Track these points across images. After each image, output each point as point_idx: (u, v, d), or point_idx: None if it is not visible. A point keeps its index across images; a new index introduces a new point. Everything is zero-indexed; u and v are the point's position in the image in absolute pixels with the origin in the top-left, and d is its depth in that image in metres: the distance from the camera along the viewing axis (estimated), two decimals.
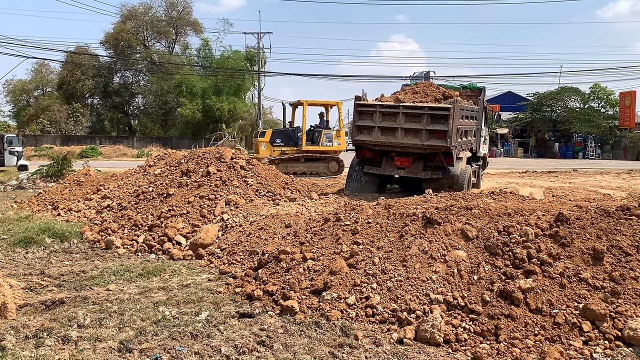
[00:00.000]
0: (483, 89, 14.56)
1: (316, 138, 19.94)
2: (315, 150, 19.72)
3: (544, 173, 22.34)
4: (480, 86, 14.80)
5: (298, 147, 19.66)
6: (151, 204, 8.88)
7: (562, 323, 4.14)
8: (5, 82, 56.89)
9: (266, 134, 19.85)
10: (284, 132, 20.13)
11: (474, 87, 14.76)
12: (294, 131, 20.19)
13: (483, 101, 14.21)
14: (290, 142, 19.78)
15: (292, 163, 19.39)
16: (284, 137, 19.84)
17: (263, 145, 19.35)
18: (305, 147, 19.55)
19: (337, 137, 20.32)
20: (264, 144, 19.39)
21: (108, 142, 46.88)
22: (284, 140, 19.73)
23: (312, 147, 19.68)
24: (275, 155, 19.17)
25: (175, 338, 4.15)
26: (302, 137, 19.59)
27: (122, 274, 6.11)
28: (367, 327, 4.40)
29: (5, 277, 5.46)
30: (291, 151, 19.56)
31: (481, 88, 14.59)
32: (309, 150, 19.61)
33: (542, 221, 5.18)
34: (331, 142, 20.11)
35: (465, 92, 14.43)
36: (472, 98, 14.04)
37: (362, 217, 6.00)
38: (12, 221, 9.15)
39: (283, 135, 19.90)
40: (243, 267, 6.26)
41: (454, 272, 4.82)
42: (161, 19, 55.30)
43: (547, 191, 13.93)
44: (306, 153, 19.58)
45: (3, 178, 19.44)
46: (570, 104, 48.02)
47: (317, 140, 19.89)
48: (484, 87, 14.69)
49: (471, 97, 14.14)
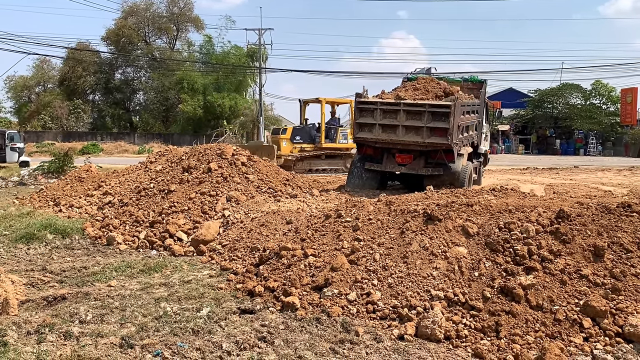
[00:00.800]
0: (484, 81, 14.48)
1: (332, 135, 20.25)
2: (333, 147, 20.09)
3: (545, 170, 22.32)
4: (481, 79, 14.70)
5: (315, 144, 19.97)
6: (152, 200, 8.89)
7: (563, 319, 4.14)
8: (7, 79, 56.97)
9: (287, 131, 20.04)
10: (302, 129, 20.37)
11: (475, 80, 14.67)
12: (312, 128, 20.49)
13: (484, 94, 14.14)
14: (308, 139, 20.05)
15: (314, 160, 19.69)
16: (302, 134, 20.09)
17: (284, 142, 19.49)
18: (325, 145, 19.92)
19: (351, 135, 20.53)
20: (286, 141, 19.52)
21: (109, 139, 46.90)
22: (303, 137, 19.98)
23: (330, 144, 20.08)
24: (295, 152, 19.41)
25: (176, 334, 4.17)
26: (321, 135, 19.92)
27: (124, 270, 6.13)
28: (368, 323, 4.41)
29: (7, 273, 5.48)
30: (309, 148, 19.85)
31: (482, 81, 14.51)
32: (327, 148, 19.97)
33: (543, 218, 5.19)
34: (346, 139, 20.38)
35: (467, 84, 14.38)
36: (473, 91, 13.98)
37: (363, 213, 6.00)
38: (14, 217, 9.16)
39: (302, 133, 20.13)
40: (244, 263, 6.27)
41: (454, 268, 4.83)
42: (162, 15, 55.27)
43: (548, 188, 13.92)
44: (325, 150, 19.93)
45: (4, 174, 19.46)
46: (571, 100, 47.95)
47: (334, 137, 20.23)
48: (485, 80, 14.61)
49: (472, 90, 14.08)
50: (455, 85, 14.15)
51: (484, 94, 14.12)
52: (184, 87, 47.98)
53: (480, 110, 13.63)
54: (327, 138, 20.12)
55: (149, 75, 54.67)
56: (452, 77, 14.92)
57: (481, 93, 13.78)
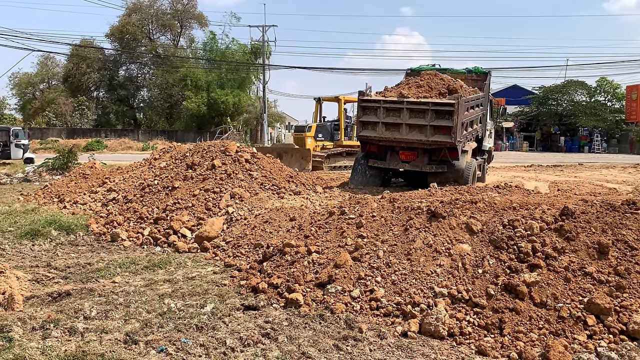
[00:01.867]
0: (489, 72, 14.29)
1: (349, 132, 20.57)
2: (352, 145, 20.12)
3: (549, 167, 22.26)
4: (485, 70, 14.49)
5: (334, 141, 20.24)
6: (157, 197, 8.91)
7: (567, 317, 4.14)
8: (11, 75, 57.15)
9: (312, 128, 20.13)
10: (323, 127, 20.56)
11: (479, 71, 14.45)
12: (331, 126, 20.74)
13: (489, 85, 13.97)
14: (328, 137, 20.28)
15: (338, 157, 19.92)
16: (324, 131, 20.30)
17: (309, 140, 19.54)
18: (345, 142, 20.23)
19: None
20: (310, 138, 19.57)
21: (113, 135, 47.01)
22: (324, 134, 20.19)
23: (349, 141, 20.32)
24: (318, 150, 19.46)
25: (180, 330, 4.18)
26: (340, 132, 20.28)
27: (128, 267, 6.15)
28: (371, 320, 4.42)
29: (12, 269, 5.50)
30: (330, 146, 20.03)
31: (487, 72, 14.33)
32: (347, 145, 20.22)
33: (547, 215, 5.17)
34: None
35: (471, 76, 14.20)
36: (477, 82, 13.83)
37: (367, 210, 6.00)
38: (19, 214, 9.20)
39: (323, 130, 20.34)
40: (248, 260, 6.28)
41: (458, 265, 4.83)
42: (166, 12, 55.27)
43: (552, 185, 13.88)
44: (346, 147, 20.15)
45: (9, 171, 19.54)
46: (576, 97, 47.77)
47: (350, 134, 20.46)
48: (489, 71, 14.41)
49: (477, 81, 13.92)
50: (459, 77, 14.02)
51: (489, 86, 13.97)
52: (187, 84, 48.00)
53: (484, 102, 13.47)
54: (345, 136, 20.48)
55: (152, 72, 54.71)
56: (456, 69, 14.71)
57: (485, 85, 13.63)
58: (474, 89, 13.09)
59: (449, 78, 12.70)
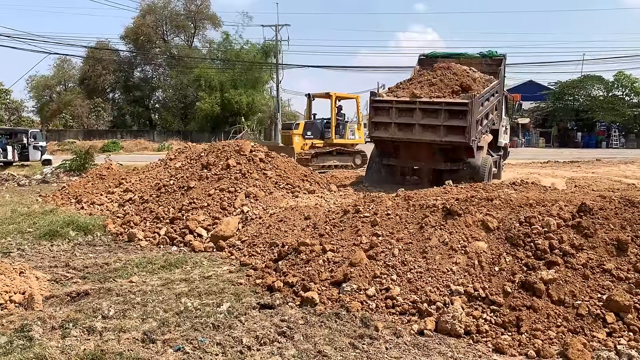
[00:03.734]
0: (504, 56, 13.92)
1: (341, 131, 19.79)
2: (343, 143, 19.67)
3: (566, 163, 22.02)
4: (500, 53, 14.06)
5: (325, 139, 19.41)
6: (172, 197, 8.97)
7: (585, 314, 4.09)
8: (29, 78, 57.95)
9: (300, 126, 19.30)
10: (313, 124, 19.76)
11: (493, 55, 14.04)
12: (321, 123, 19.92)
13: (504, 69, 13.64)
14: (318, 135, 19.47)
15: (327, 156, 19.20)
16: (313, 129, 19.49)
17: (297, 138, 18.79)
18: (336, 141, 19.41)
19: (357, 130, 20.36)
20: (298, 136, 18.83)
21: (129, 136, 47.47)
22: (313, 132, 19.41)
23: (340, 140, 19.61)
24: (306, 148, 18.85)
25: (197, 329, 4.21)
26: (331, 130, 19.42)
27: (145, 266, 6.20)
28: (387, 319, 4.41)
29: (32, 270, 5.58)
30: (320, 144, 19.30)
31: (502, 55, 13.93)
32: (338, 144, 19.49)
33: (565, 212, 5.11)
34: (354, 135, 20.06)
35: (485, 60, 13.89)
36: (492, 67, 13.55)
37: (382, 208, 5.99)
38: (38, 215, 9.33)
39: (313, 128, 19.53)
40: (263, 258, 6.30)
41: (474, 263, 4.79)
42: (180, 13, 55.62)
43: (569, 181, 13.72)
44: (336, 146, 19.43)
45: (28, 172, 19.82)
46: (593, 92, 47.21)
47: (342, 133, 19.79)
48: (504, 54, 14.02)
49: (491, 65, 13.64)
50: (473, 62, 13.74)
51: (504, 70, 13.62)
52: (201, 84, 48.26)
53: (499, 89, 13.16)
54: (336, 134, 19.59)
55: (167, 73, 55.11)
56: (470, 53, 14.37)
57: (500, 70, 13.31)
58: (488, 78, 12.77)
59: (463, 70, 12.32)
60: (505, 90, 14.71)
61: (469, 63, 13.86)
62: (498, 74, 13.27)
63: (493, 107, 12.78)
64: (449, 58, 14.24)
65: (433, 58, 14.42)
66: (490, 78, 12.86)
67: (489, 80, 12.72)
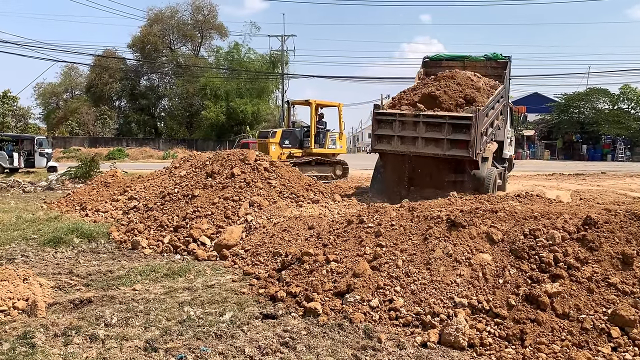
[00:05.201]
0: (509, 59, 13.79)
1: (321, 140, 18.93)
2: (322, 153, 18.82)
3: (571, 176, 21.96)
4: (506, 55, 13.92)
5: (303, 149, 18.59)
6: (177, 205, 8.99)
7: (590, 328, 4.06)
8: (36, 86, 58.50)
9: (277, 134, 18.31)
10: (291, 133, 18.88)
11: (498, 58, 13.90)
12: (300, 132, 19.09)
13: (509, 72, 13.54)
14: (297, 144, 18.63)
15: (305, 167, 17.66)
16: (291, 138, 18.63)
17: (273, 147, 17.84)
18: (315, 150, 18.50)
19: (339, 139, 19.60)
20: (274, 145, 17.93)
21: (134, 144, 47.70)
22: (292, 141, 18.55)
23: (320, 149, 18.72)
24: (283, 157, 17.86)
25: (199, 338, 4.20)
26: (310, 139, 18.54)
27: (148, 274, 6.20)
28: (390, 330, 4.38)
29: (36, 276, 5.59)
30: (298, 153, 18.44)
31: (507, 58, 13.80)
32: (317, 153, 18.61)
33: (570, 225, 5.09)
34: (335, 144, 19.31)
35: (490, 63, 13.82)
36: (497, 70, 13.47)
37: (386, 219, 5.98)
38: (42, 221, 9.36)
39: (291, 137, 18.67)
40: (266, 268, 6.29)
41: (478, 275, 4.77)
42: (187, 23, 56.08)
43: (574, 194, 13.69)
44: (315, 156, 18.53)
45: (33, 179, 19.91)
46: (598, 105, 47.20)
47: (323, 142, 18.95)
48: (509, 57, 13.87)
49: (496, 68, 13.56)
50: (478, 64, 13.65)
51: (509, 73, 13.53)
52: (207, 93, 48.51)
53: (505, 94, 13.05)
54: (315, 143, 18.63)
55: (173, 82, 55.45)
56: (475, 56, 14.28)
57: (505, 74, 13.22)
58: (493, 84, 12.66)
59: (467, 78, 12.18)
60: (510, 102, 14.68)
61: (474, 66, 13.78)
62: (503, 78, 13.16)
63: (498, 113, 12.66)
64: (453, 61, 14.16)
65: (437, 61, 14.36)
66: (495, 84, 12.75)
67: (494, 86, 12.61)
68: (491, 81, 12.86)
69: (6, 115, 42.61)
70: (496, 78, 13.29)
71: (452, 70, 12.63)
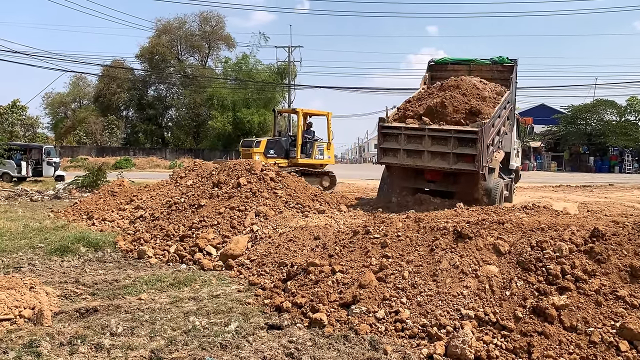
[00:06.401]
0: (515, 62, 13.70)
1: (308, 150, 18.38)
2: (309, 164, 18.25)
3: (578, 187, 21.85)
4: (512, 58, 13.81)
5: (289, 159, 18.04)
6: (183, 214, 9.01)
7: (598, 342, 4.02)
8: (45, 95, 58.98)
9: (261, 143, 17.71)
10: (277, 142, 18.32)
11: (504, 61, 13.77)
12: (286, 141, 18.52)
13: (516, 76, 13.45)
14: (283, 154, 18.06)
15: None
16: (277, 148, 18.05)
17: (257, 157, 17.04)
18: (301, 160, 17.95)
19: (327, 150, 19.04)
20: (259, 155, 17.24)
21: (141, 154, 47.94)
22: (277, 151, 17.97)
23: (306, 160, 18.17)
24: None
25: (205, 348, 4.19)
26: (296, 149, 18.01)
27: (154, 284, 6.20)
28: (396, 342, 4.36)
29: (42, 285, 5.60)
30: (284, 164, 17.77)
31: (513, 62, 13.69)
32: (303, 164, 18.06)
33: (577, 237, 5.07)
34: (322, 155, 18.80)
35: (496, 67, 13.71)
36: (503, 74, 13.39)
37: (392, 230, 5.96)
38: (49, 230, 9.40)
39: (276, 146, 18.08)
40: (272, 278, 6.28)
41: (485, 287, 4.74)
42: (195, 34, 56.50)
43: (581, 206, 13.61)
44: (302, 166, 17.89)
45: (41, 188, 20.01)
46: (605, 117, 47.04)
47: (310, 152, 18.40)
48: (516, 60, 13.78)
49: (503, 72, 13.48)
50: (484, 68, 13.56)
51: (515, 76, 13.45)
52: (214, 103, 48.75)
53: (511, 99, 12.91)
54: (302, 153, 18.09)
55: (181, 92, 55.78)
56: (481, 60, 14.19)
57: (512, 78, 13.14)
58: (499, 91, 12.56)
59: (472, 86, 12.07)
60: (517, 114, 14.63)
61: (479, 70, 13.73)
62: (509, 82, 13.06)
63: (504, 119, 12.58)
64: (459, 64, 14.13)
65: (443, 64, 14.32)
66: (501, 90, 12.65)
67: (500, 93, 12.50)
68: (497, 87, 12.77)
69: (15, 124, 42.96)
70: (502, 82, 13.22)
71: (457, 79, 12.53)
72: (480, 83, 12.48)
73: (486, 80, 13.15)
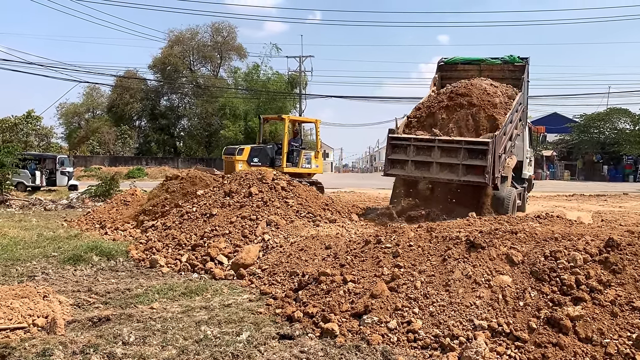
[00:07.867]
0: (526, 61, 13.49)
1: (294, 158, 17.72)
2: (295, 173, 17.11)
3: (592, 196, 21.64)
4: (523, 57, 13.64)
5: (274, 167, 16.68)
6: (195, 223, 9.04)
7: (614, 353, 3.96)
8: (59, 106, 59.72)
9: (244, 151, 16.99)
10: (261, 150, 17.60)
11: (515, 61, 13.60)
12: (272, 149, 17.78)
13: (527, 75, 13.27)
14: (267, 162, 17.23)
15: None
16: (261, 156, 17.32)
17: (240, 165, 16.40)
18: (287, 169, 16.87)
19: (315, 159, 18.46)
20: (242, 163, 16.56)
21: (154, 163, 48.28)
22: (262, 159, 17.23)
23: (292, 168, 17.32)
24: None
25: (216, 358, 4.18)
26: (282, 157, 17.40)
27: (166, 293, 6.22)
28: (408, 353, 4.32)
29: (55, 294, 5.64)
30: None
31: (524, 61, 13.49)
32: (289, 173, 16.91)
33: (591, 246, 5.00)
34: (310, 164, 18.21)
35: (507, 67, 13.56)
36: (514, 73, 13.22)
37: (404, 239, 5.93)
38: (62, 239, 9.47)
39: (261, 154, 17.36)
40: (283, 288, 6.27)
41: (498, 297, 4.70)
42: (207, 44, 57.01)
43: (595, 215, 13.47)
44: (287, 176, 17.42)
45: (54, 197, 20.20)
46: (619, 125, 46.64)
47: (296, 161, 17.75)
48: (527, 59, 13.56)
49: (514, 72, 13.31)
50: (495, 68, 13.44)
51: (527, 76, 13.27)
52: (226, 112, 49.04)
53: (523, 100, 12.71)
54: (288, 162, 17.44)
55: (193, 102, 56.22)
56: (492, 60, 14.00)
57: (523, 78, 12.98)
58: (510, 94, 12.39)
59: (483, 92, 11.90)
60: (529, 122, 14.54)
61: (490, 69, 13.57)
62: (521, 82, 12.89)
63: (517, 122, 12.40)
64: (469, 64, 13.97)
65: (453, 64, 14.21)
66: (512, 93, 12.48)
67: (512, 96, 12.33)
68: (509, 89, 12.61)
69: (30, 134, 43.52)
70: (513, 81, 13.05)
71: (467, 85, 12.36)
72: (491, 87, 12.29)
73: (497, 80, 12.99)
